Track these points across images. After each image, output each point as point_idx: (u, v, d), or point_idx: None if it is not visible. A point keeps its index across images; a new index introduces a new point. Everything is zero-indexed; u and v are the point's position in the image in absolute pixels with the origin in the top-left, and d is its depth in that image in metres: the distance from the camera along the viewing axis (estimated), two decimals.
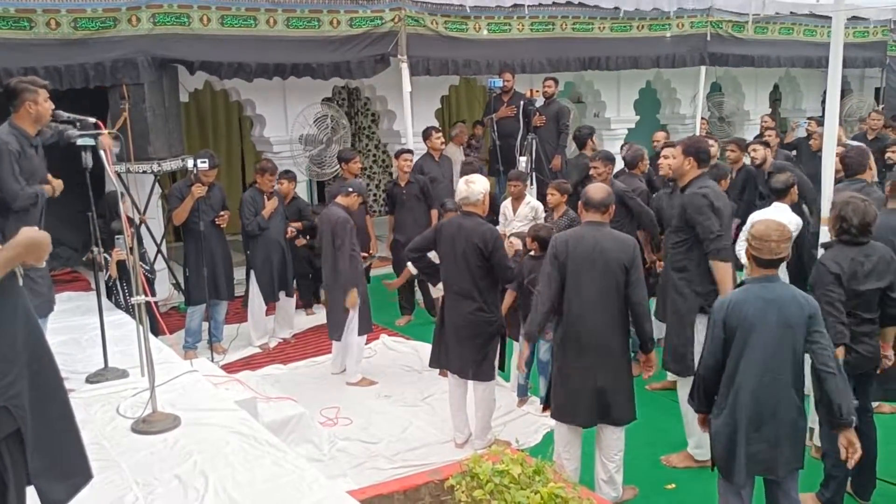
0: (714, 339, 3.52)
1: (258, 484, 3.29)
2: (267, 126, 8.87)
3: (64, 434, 2.54)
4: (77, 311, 5.99)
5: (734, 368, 3.48)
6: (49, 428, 2.47)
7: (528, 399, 5.81)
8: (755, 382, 3.43)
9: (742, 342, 3.44)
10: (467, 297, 4.93)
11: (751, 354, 3.43)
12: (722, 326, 3.47)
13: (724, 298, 3.55)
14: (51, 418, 2.48)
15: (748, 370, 3.44)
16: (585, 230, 4.28)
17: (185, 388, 4.35)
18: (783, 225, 3.52)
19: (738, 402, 3.46)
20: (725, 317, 3.46)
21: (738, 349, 3.46)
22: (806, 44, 12.05)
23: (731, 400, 3.49)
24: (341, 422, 5.54)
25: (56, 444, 2.51)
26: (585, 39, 10.04)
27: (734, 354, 3.47)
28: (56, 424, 2.50)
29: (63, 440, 2.54)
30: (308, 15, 8.03)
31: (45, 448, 2.46)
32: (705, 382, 3.61)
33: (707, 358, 3.58)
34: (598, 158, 6.54)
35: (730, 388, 3.50)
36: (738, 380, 3.46)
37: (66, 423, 2.55)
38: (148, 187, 7.83)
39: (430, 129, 8.48)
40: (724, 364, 3.52)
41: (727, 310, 3.47)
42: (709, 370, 3.58)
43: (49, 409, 2.47)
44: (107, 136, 4.17)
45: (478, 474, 3.18)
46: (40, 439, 2.43)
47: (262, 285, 7.06)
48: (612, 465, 4.35)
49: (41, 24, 6.72)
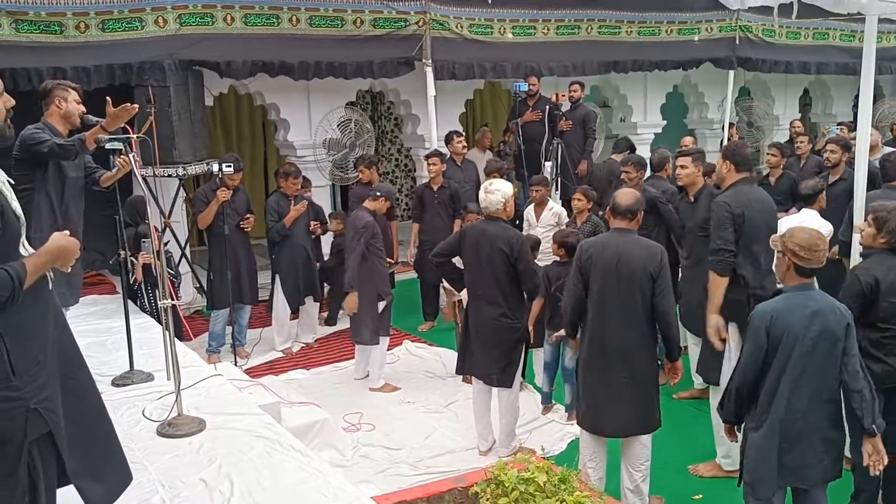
0: (756, 349, 3.43)
1: (283, 489, 3.29)
2: (291, 130, 8.89)
3: (100, 436, 2.57)
4: (102, 313, 6.03)
5: (777, 379, 3.39)
6: (84, 430, 2.49)
7: (552, 406, 5.76)
8: (799, 393, 3.37)
9: (786, 353, 3.36)
10: (491, 302, 4.89)
11: (795, 365, 3.35)
12: (765, 337, 3.39)
13: (766, 308, 3.44)
14: (85, 420, 2.50)
15: (792, 381, 3.36)
16: (611, 237, 4.23)
17: (209, 392, 4.36)
18: (822, 233, 3.50)
19: (781, 414, 3.39)
20: (769, 327, 3.38)
21: (781, 360, 3.38)
22: (839, 49, 11.87)
23: (773, 411, 3.41)
24: (364, 427, 5.52)
25: (92, 445, 2.53)
26: (611, 43, 9.97)
27: (777, 365, 3.39)
28: (91, 426, 2.53)
29: (99, 441, 2.57)
30: (332, 14, 8.05)
31: (82, 449, 2.48)
32: (741, 393, 3.52)
33: (745, 369, 3.48)
34: (630, 163, 6.45)
35: (772, 400, 3.41)
36: (781, 391, 3.38)
37: (101, 425, 2.58)
38: (173, 191, 7.88)
39: (452, 134, 8.46)
40: (762, 375, 3.44)
41: (770, 320, 3.38)
42: (747, 381, 3.49)
43: (83, 412, 2.50)
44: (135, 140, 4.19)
45: (503, 482, 3.15)
46: (76, 441, 2.45)
47: (288, 291, 7.03)
48: (638, 474, 4.28)
49: (71, 28, 6.80)
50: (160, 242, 4.42)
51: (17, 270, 2.22)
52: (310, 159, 8.85)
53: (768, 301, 3.49)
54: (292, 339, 7.30)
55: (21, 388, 2.23)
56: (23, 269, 2.24)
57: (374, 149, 9.42)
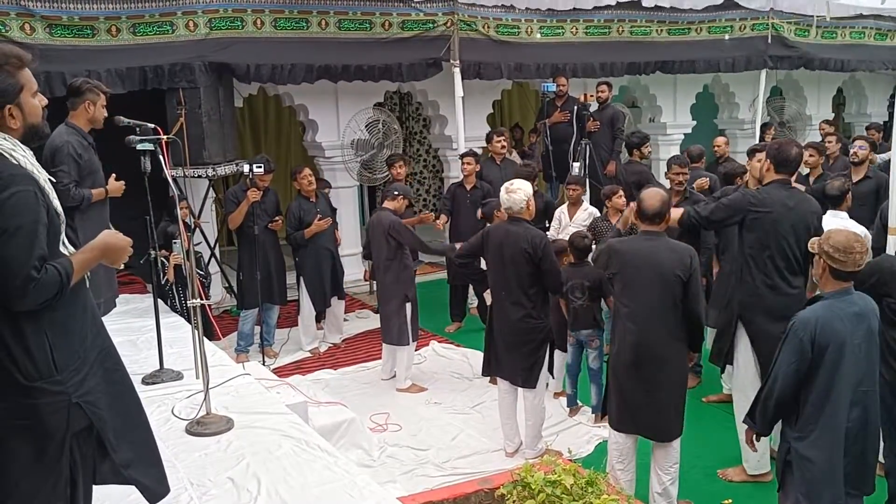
0: (799, 359, 3.32)
1: (310, 488, 3.30)
2: (319, 131, 8.95)
3: (143, 426, 2.61)
4: (133, 312, 6.10)
5: (828, 387, 3.30)
6: (130, 420, 2.53)
7: (579, 408, 5.73)
8: (852, 399, 3.31)
9: (834, 360, 3.28)
10: (515, 303, 4.88)
11: (846, 371, 3.28)
12: (810, 346, 3.29)
13: (809, 316, 3.34)
14: (130, 411, 2.55)
15: (844, 387, 3.29)
16: (639, 241, 4.19)
17: (237, 391, 4.38)
18: (860, 235, 3.42)
19: (836, 422, 3.31)
20: (815, 336, 3.28)
21: (830, 367, 3.29)
22: (875, 47, 11.66)
23: (828, 420, 3.32)
24: (391, 428, 5.53)
25: (139, 434, 2.58)
26: (642, 43, 9.90)
27: (826, 373, 3.29)
28: (135, 417, 2.58)
29: (145, 432, 2.61)
30: (360, 17, 8.09)
31: (131, 439, 2.52)
32: (782, 403, 3.41)
33: (787, 379, 3.36)
34: (677, 163, 6.42)
35: (822, 409, 3.32)
36: (834, 398, 3.30)
37: (143, 416, 2.62)
38: (203, 192, 7.96)
39: (492, 133, 8.42)
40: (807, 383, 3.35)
41: (816, 329, 3.29)
42: (788, 391, 3.37)
43: (128, 403, 2.54)
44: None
45: (529, 484, 3.14)
46: (125, 432, 2.49)
47: (313, 293, 7.04)
48: (666, 477, 4.24)
49: (102, 32, 6.90)
50: (190, 242, 4.46)
51: (66, 267, 2.27)
52: (338, 160, 8.90)
53: (810, 309, 3.39)
54: (319, 339, 7.34)
55: (64, 382, 2.28)
56: (70, 265, 2.29)
57: (402, 149, 9.44)
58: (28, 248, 2.17)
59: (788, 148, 4.52)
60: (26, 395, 2.23)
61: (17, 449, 2.25)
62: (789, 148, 4.52)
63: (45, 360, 2.25)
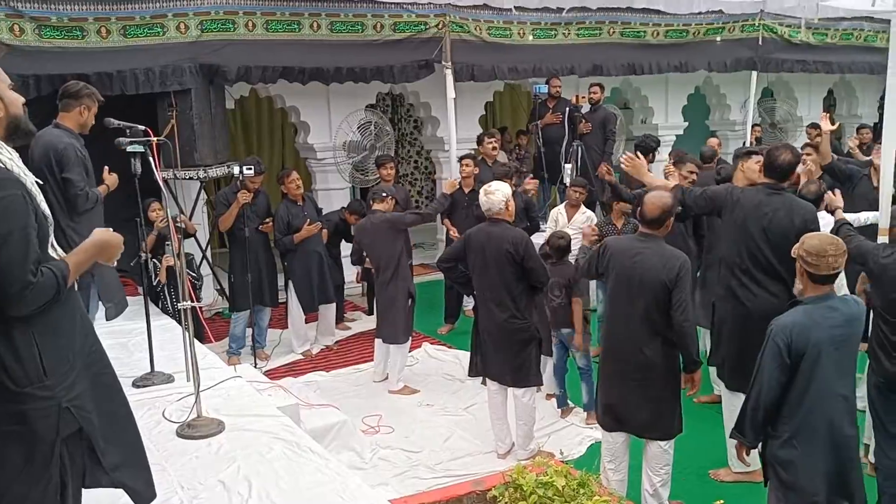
0: (778, 365, 3.31)
1: (302, 490, 3.29)
2: (311, 133, 8.93)
3: (132, 429, 2.61)
4: (124, 315, 6.05)
5: (802, 393, 3.31)
6: (117, 424, 2.53)
7: (571, 409, 5.73)
8: (827, 404, 3.31)
9: (810, 365, 3.28)
10: (500, 304, 4.88)
11: (821, 376, 3.28)
12: (787, 352, 3.29)
13: (785, 322, 3.34)
14: (119, 415, 2.54)
15: (820, 393, 3.30)
16: (630, 242, 4.18)
17: (229, 394, 4.37)
18: (837, 239, 3.41)
19: (812, 425, 3.32)
20: (791, 342, 3.28)
21: (806, 373, 3.29)
22: (865, 49, 11.72)
23: (799, 423, 3.33)
24: (383, 430, 5.52)
25: (127, 438, 2.57)
26: (633, 44, 9.93)
27: (803, 378, 3.30)
28: (124, 420, 2.57)
29: (133, 435, 2.61)
30: (352, 19, 8.10)
31: (120, 442, 2.52)
32: (768, 411, 3.40)
33: (771, 386, 3.34)
34: (691, 162, 6.46)
35: (796, 414, 3.33)
36: (808, 404, 3.30)
37: (132, 420, 2.61)
38: (194, 194, 7.93)
39: (483, 135, 8.44)
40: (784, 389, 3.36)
41: (791, 335, 3.28)
42: (771, 398, 3.36)
43: (115, 407, 2.54)
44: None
45: (521, 485, 3.13)
46: (113, 435, 2.48)
47: (302, 296, 7.02)
48: (657, 478, 4.23)
49: (92, 33, 6.86)
50: (180, 244, 4.44)
51: (62, 269, 2.26)
52: (330, 161, 8.88)
53: (787, 314, 3.39)
54: (310, 341, 7.32)
55: (53, 387, 2.26)
56: (66, 267, 2.28)
57: (394, 151, 9.43)
58: (23, 253, 2.16)
59: (777, 153, 4.45)
60: (16, 400, 2.22)
61: (8, 454, 2.23)
62: (778, 153, 4.45)
63: (34, 365, 2.23)
